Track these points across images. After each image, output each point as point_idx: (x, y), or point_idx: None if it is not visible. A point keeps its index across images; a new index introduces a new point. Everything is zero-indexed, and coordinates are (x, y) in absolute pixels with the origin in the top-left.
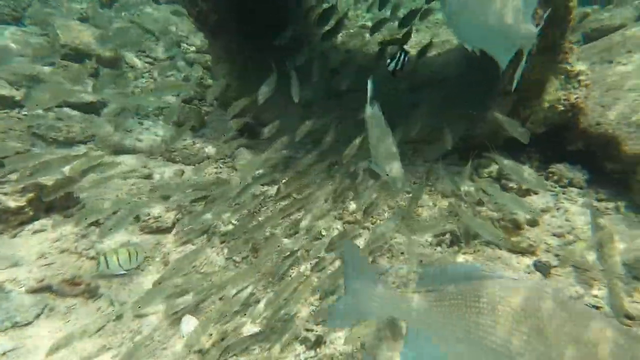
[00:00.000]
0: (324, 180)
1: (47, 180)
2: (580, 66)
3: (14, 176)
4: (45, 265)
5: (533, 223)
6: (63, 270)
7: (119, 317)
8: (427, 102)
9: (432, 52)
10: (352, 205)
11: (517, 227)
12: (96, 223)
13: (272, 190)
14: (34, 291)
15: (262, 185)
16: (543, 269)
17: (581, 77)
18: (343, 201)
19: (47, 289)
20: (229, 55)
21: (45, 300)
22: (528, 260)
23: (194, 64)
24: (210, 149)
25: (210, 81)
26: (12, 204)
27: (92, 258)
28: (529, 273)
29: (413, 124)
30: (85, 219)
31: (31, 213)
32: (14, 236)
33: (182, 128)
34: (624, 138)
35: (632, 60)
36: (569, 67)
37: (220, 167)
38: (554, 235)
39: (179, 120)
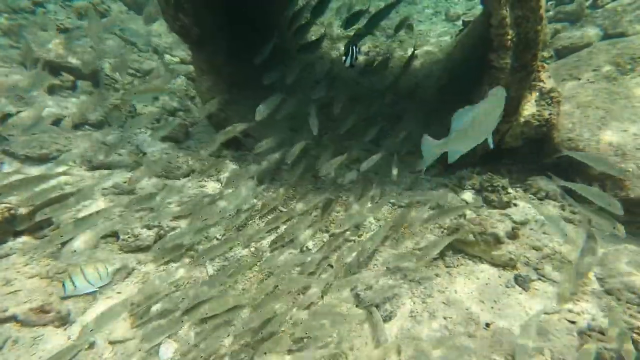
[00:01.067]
0: (309, 192)
1: (21, 204)
2: (551, 84)
3: None
4: (11, 293)
5: (513, 236)
6: (31, 298)
7: (91, 346)
8: (411, 116)
9: (415, 63)
10: (339, 217)
11: (497, 241)
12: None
13: (259, 203)
14: None
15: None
16: (522, 282)
17: (553, 94)
18: (329, 213)
19: (12, 319)
20: (213, 68)
21: (7, 332)
22: (509, 274)
23: (178, 75)
24: (194, 163)
25: (193, 92)
26: None
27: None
28: (507, 287)
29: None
30: (58, 238)
31: None
32: None
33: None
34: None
35: (598, 79)
36: (542, 85)
37: (206, 181)
38: (533, 248)
39: (169, 134)
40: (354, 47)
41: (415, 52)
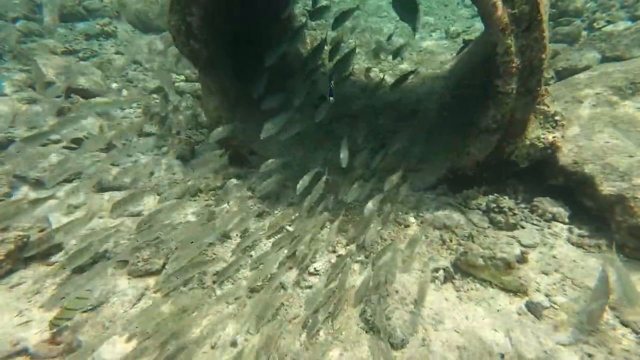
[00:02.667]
0: (315, 212)
1: (29, 231)
2: (555, 107)
3: None
4: (22, 324)
5: (522, 260)
6: (42, 328)
7: None
8: (412, 133)
9: (415, 80)
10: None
11: (507, 266)
12: (80, 269)
13: (266, 223)
14: (7, 357)
15: (257, 217)
16: (535, 310)
17: (557, 118)
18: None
19: (23, 352)
20: (220, 87)
21: None
22: (520, 301)
23: (183, 94)
24: (200, 182)
25: (199, 110)
26: None
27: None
28: (519, 314)
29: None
30: (64, 267)
31: (9, 266)
32: None
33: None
34: (599, 179)
35: (599, 102)
36: (546, 108)
37: (212, 199)
38: (543, 273)
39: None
40: (330, 83)
41: (415, 70)
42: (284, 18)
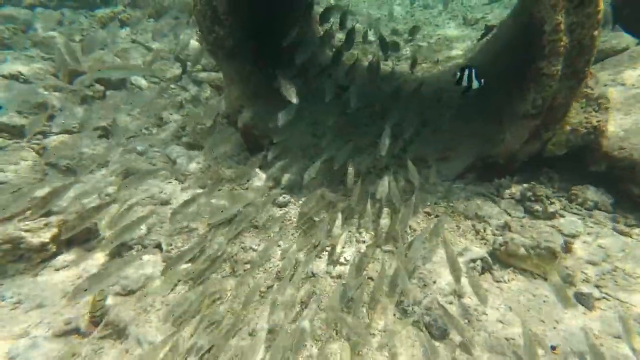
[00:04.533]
0: (340, 202)
1: (68, 214)
2: (599, 90)
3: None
4: (71, 305)
5: (566, 250)
6: (89, 309)
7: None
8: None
9: (438, 68)
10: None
11: (553, 255)
12: (119, 254)
13: (290, 212)
14: (60, 335)
15: (279, 207)
16: (586, 301)
17: (601, 101)
18: (359, 224)
19: (74, 331)
20: (242, 77)
21: (72, 347)
22: (568, 292)
23: (202, 83)
24: (224, 171)
25: (215, 99)
26: (35, 241)
27: (119, 294)
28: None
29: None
30: (111, 244)
31: (54, 249)
32: (37, 275)
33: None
34: None
35: None
36: (589, 91)
37: (236, 189)
38: (590, 263)
39: (192, 141)
40: (471, 71)
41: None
42: (304, 4)
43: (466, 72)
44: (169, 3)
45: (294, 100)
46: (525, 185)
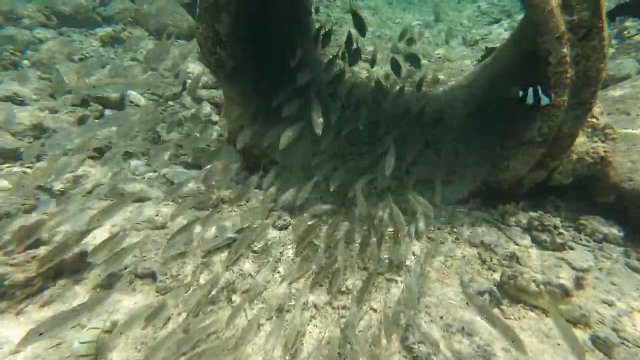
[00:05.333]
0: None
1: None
2: (605, 119)
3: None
4: (54, 347)
5: (579, 286)
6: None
7: None
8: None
9: (440, 89)
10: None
11: (565, 293)
12: (109, 286)
13: (288, 235)
14: None
15: (277, 229)
16: (604, 347)
17: (607, 131)
18: (363, 249)
19: None
20: (243, 97)
21: None
22: (582, 333)
23: (202, 101)
24: (223, 192)
25: (217, 117)
26: (21, 276)
27: (108, 331)
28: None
29: None
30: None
31: (40, 283)
32: (20, 312)
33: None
34: None
35: None
36: (594, 121)
37: (235, 211)
38: (605, 302)
39: (191, 160)
40: (536, 87)
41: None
42: (301, 24)
43: (531, 89)
44: (167, 21)
45: (319, 131)
46: (532, 213)
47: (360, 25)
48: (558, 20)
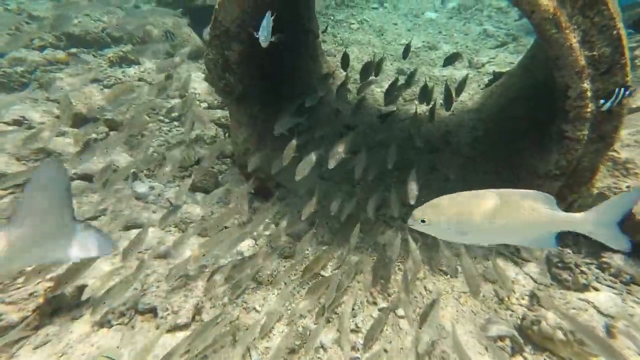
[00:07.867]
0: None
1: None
2: (626, 154)
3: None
4: None
5: (609, 335)
6: None
7: None
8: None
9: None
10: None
11: None
12: (108, 322)
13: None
14: None
15: (285, 259)
16: None
17: (629, 165)
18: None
19: None
20: (250, 120)
21: None
22: None
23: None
24: (227, 217)
25: (222, 137)
26: (15, 316)
27: None
28: None
29: None
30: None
31: (35, 323)
32: (11, 357)
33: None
34: None
35: None
36: (615, 155)
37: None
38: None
39: (194, 182)
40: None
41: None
42: (305, 38)
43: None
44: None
45: (332, 165)
46: (551, 249)
47: (344, 60)
48: (578, 55)
